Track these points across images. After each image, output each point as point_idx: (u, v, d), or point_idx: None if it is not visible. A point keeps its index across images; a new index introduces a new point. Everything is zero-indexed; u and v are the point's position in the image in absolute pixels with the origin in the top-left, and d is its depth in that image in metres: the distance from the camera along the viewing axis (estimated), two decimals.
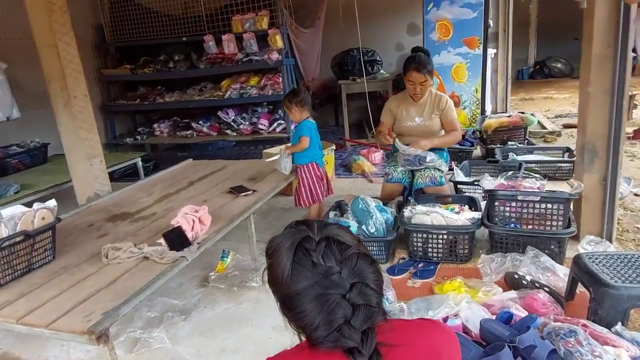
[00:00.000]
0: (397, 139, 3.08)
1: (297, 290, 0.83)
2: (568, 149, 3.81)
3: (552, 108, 7.27)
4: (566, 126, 5.65)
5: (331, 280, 0.82)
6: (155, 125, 6.30)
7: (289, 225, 0.94)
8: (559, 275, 2.18)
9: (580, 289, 1.96)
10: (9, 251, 1.85)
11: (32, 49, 3.12)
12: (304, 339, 0.88)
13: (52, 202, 2.08)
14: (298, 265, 0.84)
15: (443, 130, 3.19)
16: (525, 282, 2.10)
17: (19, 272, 1.91)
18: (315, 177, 3.22)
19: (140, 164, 4.72)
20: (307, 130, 3.15)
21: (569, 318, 1.73)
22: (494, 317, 1.81)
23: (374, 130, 4.05)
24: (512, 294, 2.02)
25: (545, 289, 2.03)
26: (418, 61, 2.99)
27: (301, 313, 0.82)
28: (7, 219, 1.89)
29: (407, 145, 3.05)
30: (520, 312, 1.83)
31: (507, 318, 1.76)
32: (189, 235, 2.11)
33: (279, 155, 3.16)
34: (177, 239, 2.06)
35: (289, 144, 3.52)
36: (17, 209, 1.99)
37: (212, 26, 5.54)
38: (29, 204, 2.07)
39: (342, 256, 0.84)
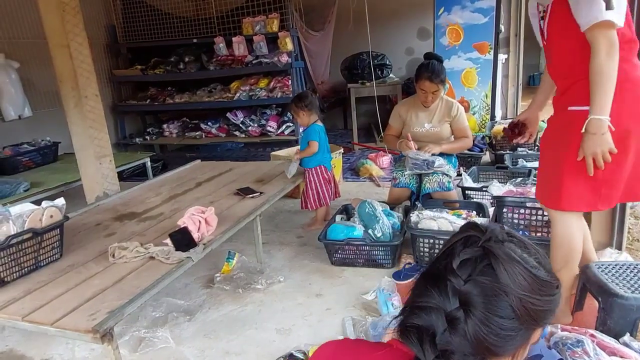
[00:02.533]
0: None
1: (428, 271, 0.81)
2: None
3: None
4: None
5: (447, 286, 0.74)
6: (165, 126, 6.35)
7: (501, 233, 0.81)
8: None
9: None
10: (17, 248, 1.86)
11: (44, 48, 3.16)
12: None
13: (60, 201, 2.10)
14: (443, 254, 0.81)
15: (452, 137, 3.17)
16: None
17: (25, 269, 1.92)
18: (323, 180, 3.21)
19: (149, 164, 4.75)
20: (316, 134, 3.15)
21: (576, 328, 1.71)
22: None
23: (382, 134, 4.04)
24: None
25: None
26: (431, 70, 2.95)
27: (416, 290, 0.80)
28: (15, 216, 1.90)
29: (417, 149, 3.03)
30: None
31: None
32: (195, 236, 2.11)
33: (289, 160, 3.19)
34: (183, 240, 2.06)
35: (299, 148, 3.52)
36: (25, 206, 2.00)
37: (223, 28, 5.59)
38: (38, 202, 2.08)
39: (476, 278, 0.74)
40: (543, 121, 5.20)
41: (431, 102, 3.05)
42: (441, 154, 3.09)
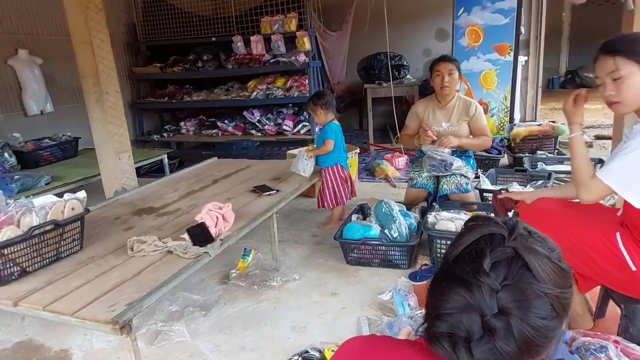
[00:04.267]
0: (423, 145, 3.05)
1: (451, 273, 0.76)
2: (600, 161, 3.69)
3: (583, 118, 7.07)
4: (598, 137, 5.50)
5: (481, 291, 0.71)
6: (182, 124, 6.41)
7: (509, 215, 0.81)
8: None
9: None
10: (39, 239, 1.89)
11: (66, 45, 3.21)
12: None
13: (82, 194, 2.12)
14: (468, 255, 0.75)
15: (471, 137, 3.13)
16: None
17: (47, 260, 1.95)
18: (340, 179, 3.21)
19: (166, 160, 4.80)
20: (332, 132, 3.15)
21: (599, 333, 1.67)
22: None
23: (398, 135, 4.01)
24: None
25: None
26: (445, 55, 3.12)
27: (440, 295, 0.75)
28: (38, 207, 1.93)
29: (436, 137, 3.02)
30: None
31: None
32: (212, 231, 2.12)
33: (296, 157, 3.17)
34: (200, 235, 2.08)
35: (310, 146, 3.52)
36: (48, 198, 2.03)
37: (241, 27, 5.62)
38: (59, 196, 2.11)
39: (514, 283, 0.71)
40: (563, 124, 5.10)
41: (449, 86, 3.00)
42: (459, 155, 3.06)
